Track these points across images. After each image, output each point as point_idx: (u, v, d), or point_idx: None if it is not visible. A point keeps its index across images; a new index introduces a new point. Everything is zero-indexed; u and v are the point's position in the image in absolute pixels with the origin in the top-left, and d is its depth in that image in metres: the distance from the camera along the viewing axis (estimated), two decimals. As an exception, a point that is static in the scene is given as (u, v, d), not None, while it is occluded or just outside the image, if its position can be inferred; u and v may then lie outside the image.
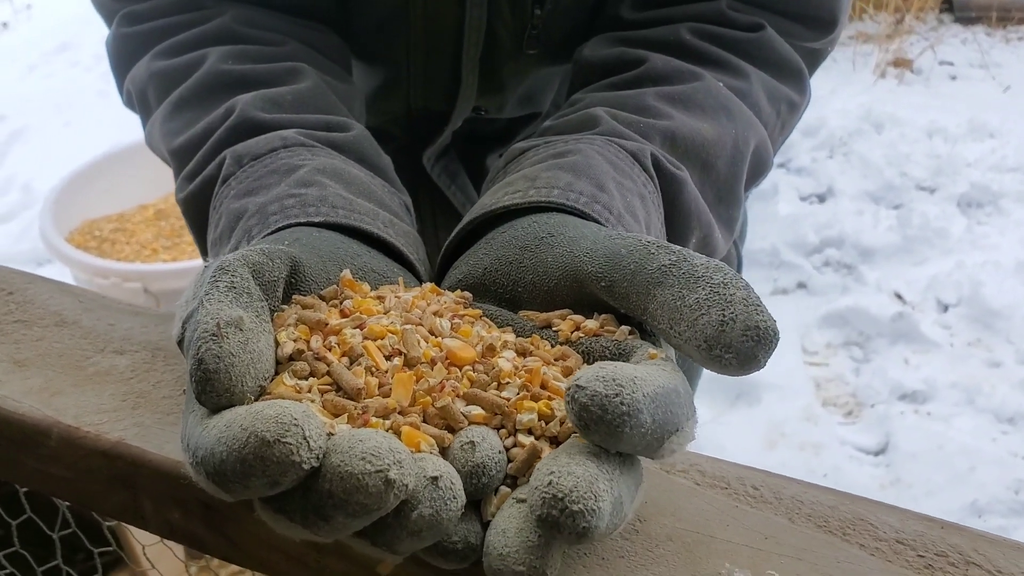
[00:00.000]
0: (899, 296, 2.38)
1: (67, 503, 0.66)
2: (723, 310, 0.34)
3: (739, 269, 1.03)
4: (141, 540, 0.88)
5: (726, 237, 0.63)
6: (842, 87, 3.37)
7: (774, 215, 2.67)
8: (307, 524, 0.31)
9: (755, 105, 0.63)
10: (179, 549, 1.75)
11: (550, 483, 0.30)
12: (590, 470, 0.31)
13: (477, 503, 0.34)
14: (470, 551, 0.33)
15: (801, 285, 2.46)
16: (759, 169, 0.65)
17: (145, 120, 0.65)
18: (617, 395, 0.31)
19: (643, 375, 0.32)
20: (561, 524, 0.29)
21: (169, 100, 0.60)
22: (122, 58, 0.66)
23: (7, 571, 0.83)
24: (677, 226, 0.55)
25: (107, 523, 0.92)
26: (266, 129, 0.55)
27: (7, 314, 0.52)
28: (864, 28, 3.75)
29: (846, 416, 2.09)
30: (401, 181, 0.86)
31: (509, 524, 0.32)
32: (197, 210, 0.55)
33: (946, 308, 2.34)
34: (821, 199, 2.79)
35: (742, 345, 0.34)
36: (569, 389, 0.31)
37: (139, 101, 0.65)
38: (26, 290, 0.54)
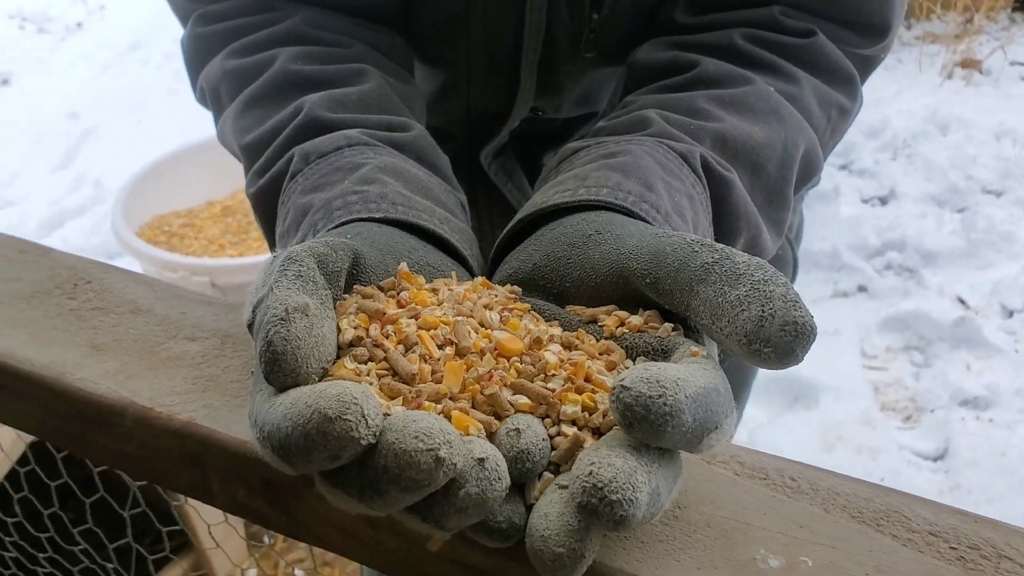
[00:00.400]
0: (962, 301, 2.34)
1: (138, 482, 0.70)
2: (763, 306, 0.36)
3: (795, 270, 1.03)
4: (206, 520, 0.91)
5: (775, 239, 0.64)
6: (907, 88, 3.32)
7: (835, 217, 2.64)
8: (363, 498, 0.33)
9: (805, 109, 0.64)
10: (242, 532, 1.79)
11: (591, 473, 0.32)
12: (629, 462, 0.32)
13: (522, 487, 0.36)
14: (513, 531, 0.35)
15: (861, 288, 2.44)
16: (809, 172, 0.65)
17: (217, 117, 0.68)
18: (660, 396, 0.32)
19: (686, 376, 0.34)
20: (600, 512, 0.31)
21: (240, 98, 0.63)
22: (197, 57, 0.70)
23: (81, 547, 0.87)
24: (725, 227, 0.56)
25: (174, 502, 0.95)
26: (332, 128, 0.58)
27: (86, 302, 0.55)
28: (931, 28, 3.69)
29: (905, 421, 2.06)
30: (459, 179, 0.88)
31: (551, 508, 0.34)
32: (266, 204, 0.58)
33: (1011, 313, 2.30)
34: (883, 201, 2.76)
35: (780, 340, 0.35)
36: (614, 389, 0.33)
37: (212, 98, 0.68)
38: (103, 279, 0.57)
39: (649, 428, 0.32)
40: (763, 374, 2.15)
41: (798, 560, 0.38)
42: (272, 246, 0.59)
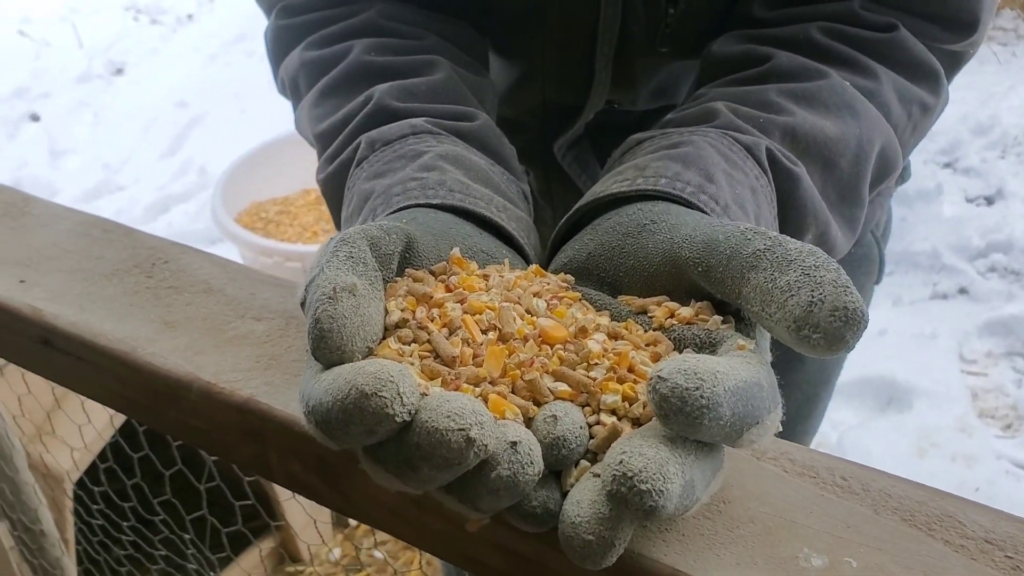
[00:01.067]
0: (1071, 306, 2.24)
1: (212, 457, 0.72)
2: (812, 291, 0.35)
3: (880, 269, 1.00)
4: (289, 504, 0.94)
5: (847, 236, 0.62)
6: (1021, 84, 3.18)
7: (937, 216, 2.56)
8: (399, 474, 0.34)
9: (884, 105, 0.62)
10: (325, 516, 1.84)
11: (621, 462, 0.32)
12: (662, 453, 0.32)
13: (559, 474, 0.36)
14: (548, 516, 0.35)
15: (963, 291, 2.35)
16: (885, 170, 0.64)
17: (295, 106, 0.70)
18: (697, 388, 0.32)
19: (725, 369, 0.33)
20: (629, 501, 0.31)
21: (316, 88, 0.65)
22: (278, 48, 0.72)
23: (160, 517, 0.91)
24: (792, 221, 0.55)
25: (247, 478, 0.98)
26: (399, 117, 0.59)
27: (162, 280, 0.58)
28: (1050, 21, 3.53)
29: (1004, 429, 1.99)
30: (534, 169, 0.89)
31: (584, 496, 0.34)
32: (334, 190, 0.60)
33: (1123, 321, 2.19)
34: (989, 201, 2.65)
35: (829, 325, 0.35)
36: (651, 379, 0.32)
37: (291, 88, 0.70)
38: (180, 259, 0.60)
39: (685, 420, 0.32)
40: (854, 375, 2.09)
41: (842, 560, 0.38)
42: (338, 230, 0.61)
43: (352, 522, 2.00)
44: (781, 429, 0.40)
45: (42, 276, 0.59)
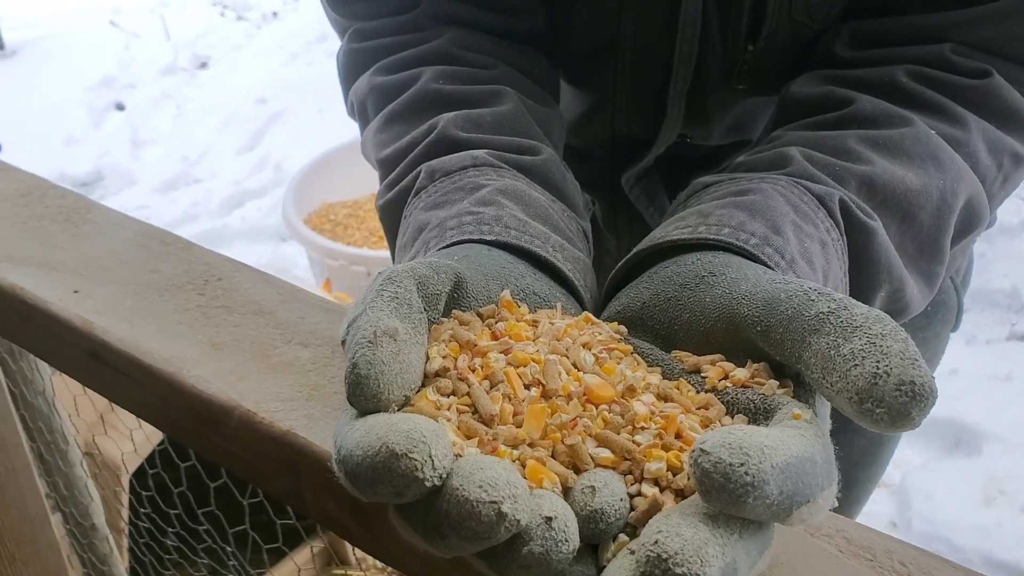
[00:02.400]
0: None
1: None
2: (878, 362, 0.33)
3: (958, 316, 0.96)
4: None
5: (925, 293, 0.59)
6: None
7: (1018, 253, 2.47)
8: (427, 538, 0.32)
9: (972, 156, 0.59)
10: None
11: (656, 542, 0.30)
12: (701, 533, 0.30)
13: (596, 547, 0.35)
14: None
15: (1043, 332, 2.27)
16: (971, 224, 0.60)
17: (363, 130, 0.70)
18: (743, 464, 0.30)
19: (775, 443, 0.31)
20: None
21: (383, 113, 0.64)
22: (349, 71, 0.72)
23: (204, 527, 0.91)
24: (864, 277, 0.53)
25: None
26: (462, 147, 0.58)
27: (214, 299, 0.57)
28: None
29: (1080, 482, 1.90)
30: (599, 199, 0.87)
31: (619, 574, 0.32)
32: (392, 217, 0.59)
33: None
34: (1076, 240, 2.55)
35: (895, 400, 0.32)
36: (693, 452, 0.31)
37: (359, 112, 0.70)
38: (233, 277, 0.59)
39: (728, 498, 0.30)
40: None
41: (894, 657, 0.35)
42: (394, 258, 0.60)
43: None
44: (837, 505, 0.37)
45: (96, 287, 0.59)
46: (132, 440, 1.10)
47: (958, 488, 1.88)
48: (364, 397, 0.34)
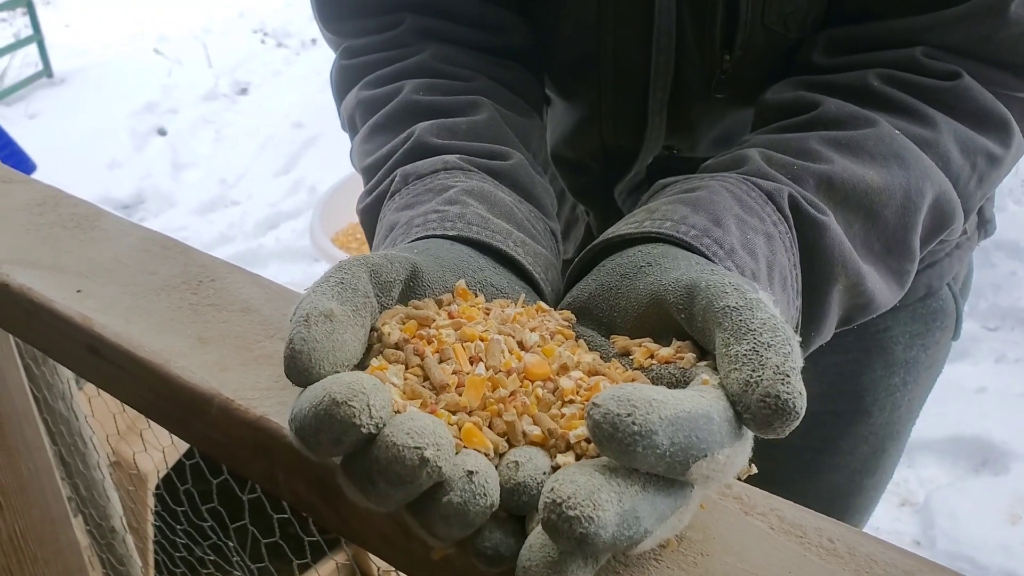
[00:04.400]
0: None
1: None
2: (752, 371, 0.35)
3: (958, 327, 0.97)
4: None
5: (894, 289, 0.60)
6: None
7: (1050, 272, 2.44)
8: (361, 488, 0.35)
9: (943, 155, 0.60)
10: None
11: (552, 489, 0.32)
12: (595, 480, 0.32)
13: (523, 519, 0.37)
14: (499, 559, 0.35)
15: (1074, 351, 2.24)
16: (942, 222, 0.62)
17: (352, 140, 0.73)
18: (630, 415, 0.32)
19: (665, 398, 0.33)
20: (559, 528, 0.31)
21: (368, 124, 0.68)
22: (341, 86, 0.75)
23: (233, 544, 0.94)
24: (819, 270, 0.54)
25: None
26: (435, 153, 0.61)
27: (205, 297, 0.60)
28: None
29: (1109, 501, 1.88)
30: (594, 210, 0.89)
31: (536, 539, 0.34)
32: (370, 220, 0.62)
33: None
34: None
35: (759, 410, 0.35)
36: (587, 406, 0.33)
37: (349, 124, 0.73)
38: (225, 278, 0.62)
39: (618, 447, 0.32)
40: (947, 432, 2.01)
41: (811, 624, 0.37)
42: (372, 259, 0.63)
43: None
44: (754, 471, 0.39)
45: (98, 287, 0.62)
46: (162, 452, 1.14)
47: (983, 507, 1.86)
48: (297, 371, 0.37)
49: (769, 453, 0.40)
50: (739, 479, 0.40)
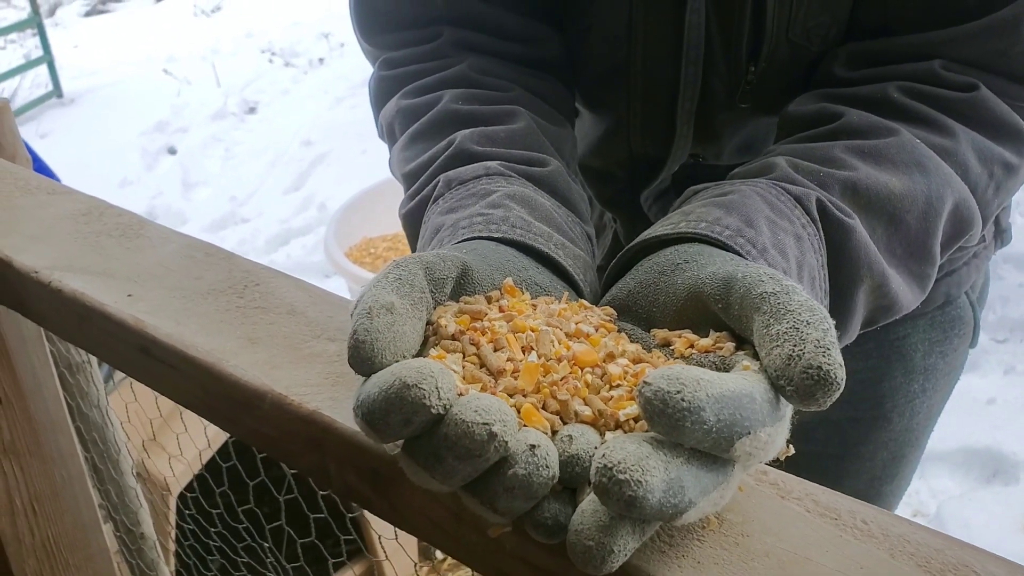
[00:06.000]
0: None
1: (294, 470, 0.77)
2: (794, 346, 0.37)
3: (975, 335, 0.99)
4: (380, 532, 0.98)
5: (916, 292, 0.63)
6: None
7: (1058, 284, 2.46)
8: (427, 466, 0.37)
9: (961, 164, 0.63)
10: (412, 549, 1.88)
11: (603, 455, 0.34)
12: (643, 448, 0.34)
13: (575, 491, 0.39)
14: (558, 528, 0.37)
15: (1084, 361, 2.25)
16: (961, 228, 0.64)
17: (391, 148, 0.76)
18: (679, 392, 0.34)
19: (712, 378, 0.35)
20: (609, 491, 0.33)
21: (408, 132, 0.71)
22: (379, 96, 0.78)
23: (269, 545, 0.96)
24: (845, 272, 0.57)
25: (350, 515, 1.03)
26: (477, 160, 0.63)
27: (251, 301, 0.63)
28: None
29: (1120, 511, 1.89)
30: (621, 217, 0.92)
31: (588, 506, 0.36)
32: (413, 224, 0.64)
33: None
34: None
35: (802, 382, 0.37)
36: (639, 385, 0.35)
37: (387, 133, 0.76)
38: (269, 283, 0.65)
39: (668, 422, 0.34)
40: (958, 443, 2.02)
41: (850, 598, 0.39)
42: (416, 261, 0.65)
43: (439, 555, 2.04)
44: (791, 452, 0.41)
45: (147, 291, 0.65)
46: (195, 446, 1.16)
47: (995, 517, 1.87)
48: (360, 360, 0.39)
49: (789, 459, 0.42)
50: (778, 460, 0.42)
